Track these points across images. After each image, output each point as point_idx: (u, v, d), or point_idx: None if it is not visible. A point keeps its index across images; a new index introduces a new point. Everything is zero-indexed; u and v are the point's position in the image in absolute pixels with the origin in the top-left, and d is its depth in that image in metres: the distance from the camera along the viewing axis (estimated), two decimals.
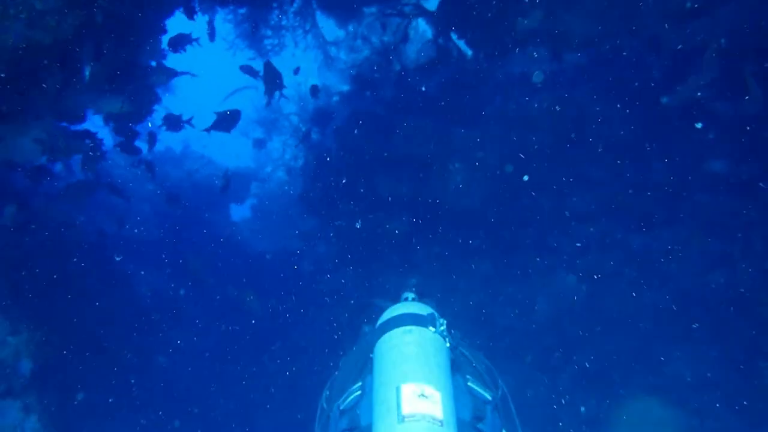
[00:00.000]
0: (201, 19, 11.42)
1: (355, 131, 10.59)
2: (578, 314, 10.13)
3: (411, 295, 4.37)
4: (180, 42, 8.57)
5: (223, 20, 11.47)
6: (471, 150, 9.86)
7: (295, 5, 11.71)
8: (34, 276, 7.60)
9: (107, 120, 7.70)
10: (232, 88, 15.67)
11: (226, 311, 10.87)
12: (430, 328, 3.12)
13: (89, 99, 6.43)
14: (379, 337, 3.15)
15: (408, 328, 3.12)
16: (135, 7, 6.22)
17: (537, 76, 9.04)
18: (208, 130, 7.97)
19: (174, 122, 8.66)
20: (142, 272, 11.22)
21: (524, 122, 9.53)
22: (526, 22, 7.51)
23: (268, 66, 8.59)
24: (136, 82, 6.66)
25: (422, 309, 3.39)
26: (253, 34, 11.09)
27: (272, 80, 8.69)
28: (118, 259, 10.31)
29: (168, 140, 16.14)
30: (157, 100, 8.07)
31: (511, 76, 9.56)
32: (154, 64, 7.89)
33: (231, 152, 18.45)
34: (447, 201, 10.14)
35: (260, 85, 15.76)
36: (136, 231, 12.12)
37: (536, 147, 9.67)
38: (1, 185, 7.36)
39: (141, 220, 12.96)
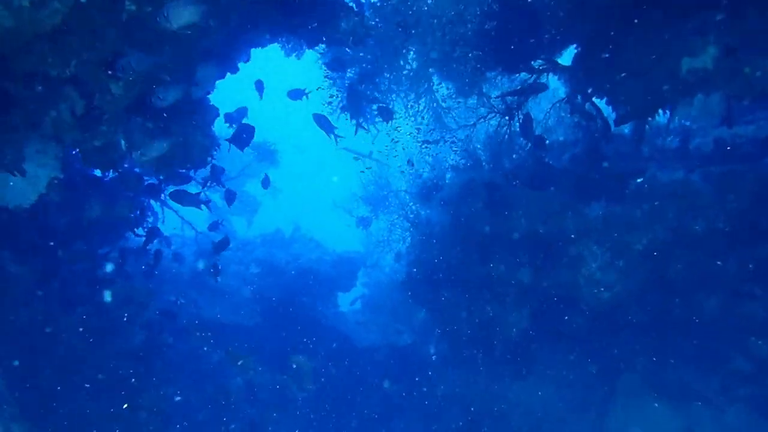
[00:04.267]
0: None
1: (468, 205, 9.02)
2: None
3: None
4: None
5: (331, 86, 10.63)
6: (612, 230, 7.92)
7: (407, 68, 10.65)
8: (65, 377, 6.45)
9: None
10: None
11: None
12: None
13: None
14: None
15: None
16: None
17: None
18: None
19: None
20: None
21: (685, 198, 7.49)
22: (694, 62, 5.74)
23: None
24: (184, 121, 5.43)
25: None
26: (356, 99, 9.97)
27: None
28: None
29: (279, 221, 15.54)
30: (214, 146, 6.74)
31: (669, 140, 7.64)
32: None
33: (338, 235, 17.38)
34: (579, 292, 8.16)
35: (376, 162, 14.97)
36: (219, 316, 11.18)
37: (701, 230, 7.54)
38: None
39: (237, 304, 12.02)
